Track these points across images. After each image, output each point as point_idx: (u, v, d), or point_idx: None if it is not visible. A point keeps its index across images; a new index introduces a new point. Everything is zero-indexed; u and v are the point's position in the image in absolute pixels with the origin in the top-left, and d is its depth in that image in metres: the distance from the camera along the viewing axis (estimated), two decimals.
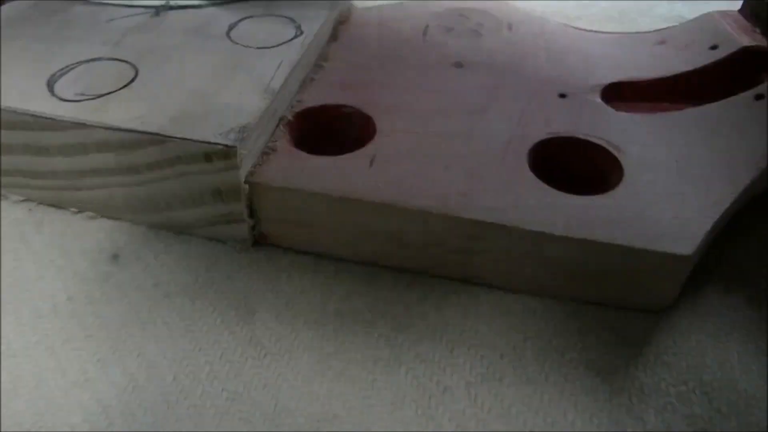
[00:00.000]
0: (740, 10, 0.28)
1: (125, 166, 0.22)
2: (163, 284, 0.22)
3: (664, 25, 0.34)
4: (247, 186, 0.21)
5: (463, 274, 0.21)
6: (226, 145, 0.20)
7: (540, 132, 0.23)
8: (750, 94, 0.24)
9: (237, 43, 0.25)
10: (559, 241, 0.19)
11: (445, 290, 0.21)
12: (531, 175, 0.21)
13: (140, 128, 0.21)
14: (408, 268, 0.22)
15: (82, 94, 0.22)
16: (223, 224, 0.22)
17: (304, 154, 0.22)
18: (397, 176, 0.21)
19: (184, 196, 0.22)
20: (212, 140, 0.20)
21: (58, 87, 0.23)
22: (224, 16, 0.27)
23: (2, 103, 0.22)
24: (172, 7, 0.27)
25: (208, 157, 0.20)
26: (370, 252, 0.22)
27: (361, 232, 0.21)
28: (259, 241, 0.23)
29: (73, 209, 0.24)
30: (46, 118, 0.21)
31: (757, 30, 0.26)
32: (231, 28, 0.26)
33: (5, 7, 0.27)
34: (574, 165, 0.23)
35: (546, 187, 0.21)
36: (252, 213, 0.22)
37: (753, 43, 0.26)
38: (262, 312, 0.21)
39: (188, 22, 0.26)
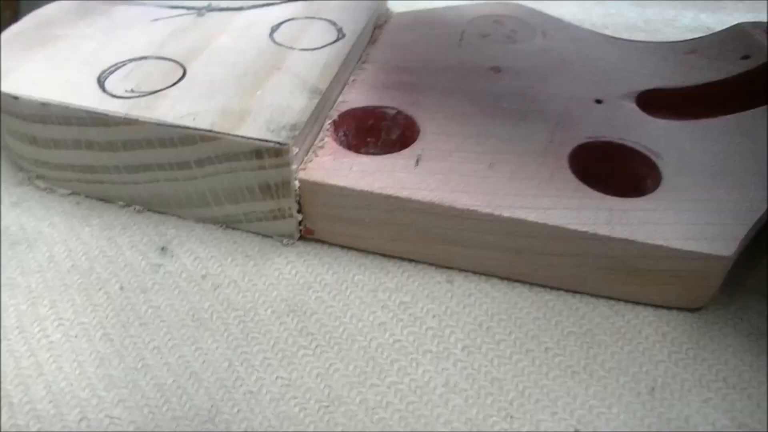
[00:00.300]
0: None
1: (175, 161, 0.23)
2: (212, 276, 0.22)
3: (690, 35, 0.35)
4: (297, 182, 0.22)
5: (507, 272, 0.22)
6: (279, 142, 0.21)
7: (578, 136, 0.24)
8: None
9: (281, 45, 0.26)
10: (602, 240, 0.20)
11: (490, 287, 0.22)
12: (572, 177, 0.22)
13: (192, 125, 0.22)
14: (454, 266, 0.23)
15: (133, 91, 0.23)
16: (270, 219, 0.23)
17: (351, 153, 0.23)
18: (442, 176, 0.22)
19: (233, 192, 0.23)
20: (264, 137, 0.21)
21: (109, 84, 0.24)
22: (266, 17, 0.28)
23: (55, 99, 0.23)
24: (214, 9, 0.28)
25: (259, 154, 0.21)
26: (416, 249, 0.23)
27: (408, 230, 0.22)
28: (305, 236, 0.24)
29: (120, 203, 0.25)
30: (100, 113, 0.22)
31: None
32: (273, 30, 0.27)
33: (48, 6, 0.28)
34: (612, 168, 0.24)
35: (587, 188, 0.22)
36: (300, 209, 0.23)
37: None
38: (311, 304, 0.22)
39: (231, 23, 0.27)
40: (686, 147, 0.24)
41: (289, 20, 0.28)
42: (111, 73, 0.24)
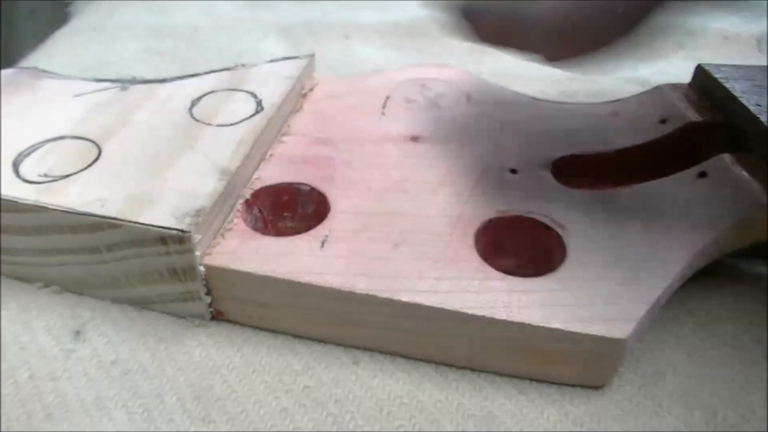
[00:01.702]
0: (690, 83, 0.30)
1: (86, 246, 0.23)
2: (122, 361, 0.23)
3: (626, 88, 0.36)
4: (202, 267, 0.22)
5: (412, 352, 0.23)
6: (181, 230, 0.22)
7: (488, 210, 0.24)
8: (693, 171, 0.25)
9: (198, 121, 0.27)
10: (499, 324, 0.21)
11: (396, 367, 0.23)
12: (476, 257, 0.23)
13: (99, 212, 0.22)
14: (361, 346, 0.23)
15: (46, 175, 0.24)
16: (181, 301, 0.24)
17: (258, 235, 0.24)
18: (346, 258, 0.23)
19: (143, 275, 0.23)
20: (167, 225, 0.22)
21: (24, 167, 0.24)
22: (188, 90, 0.28)
23: None
24: (138, 82, 0.29)
25: (163, 240, 0.22)
26: (323, 330, 0.23)
27: (314, 313, 0.23)
28: (217, 317, 0.24)
29: (38, 284, 0.25)
30: (10, 200, 0.23)
31: (705, 105, 0.28)
32: (193, 103, 0.28)
33: None
34: (523, 243, 0.24)
35: (489, 269, 0.22)
36: (209, 291, 0.23)
37: (699, 118, 0.27)
38: (216, 389, 0.22)
39: (153, 98, 0.28)
40: (595, 219, 0.24)
41: (210, 93, 0.28)
42: (26, 155, 0.25)
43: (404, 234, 0.24)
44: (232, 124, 0.26)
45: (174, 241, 0.22)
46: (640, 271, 0.22)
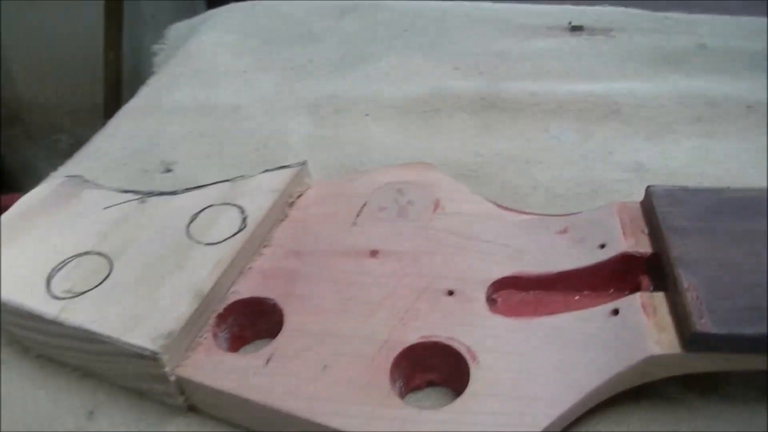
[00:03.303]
0: (642, 202, 0.32)
1: (93, 351, 0.31)
2: None
3: (619, 174, 0.38)
4: (173, 377, 0.29)
5: None
6: (153, 351, 0.29)
7: (413, 335, 0.29)
8: (609, 307, 0.29)
9: (191, 239, 0.33)
10: None
11: None
12: (386, 384, 0.28)
13: (97, 330, 0.30)
14: None
15: (68, 291, 0.32)
16: (166, 396, 0.31)
17: (220, 352, 0.30)
18: (282, 377, 0.28)
19: (135, 375, 0.31)
20: (143, 345, 0.29)
21: (54, 283, 0.32)
22: (192, 203, 0.35)
23: (14, 300, 0.32)
24: (154, 194, 0.36)
25: (141, 356, 0.29)
26: (272, 428, 0.29)
27: (259, 417, 0.29)
28: (192, 409, 0.31)
29: (67, 368, 0.33)
30: (37, 315, 0.31)
31: (645, 231, 0.31)
32: (192, 219, 0.34)
33: (26, 196, 0.37)
34: (443, 365, 0.29)
35: (394, 398, 0.27)
36: (182, 392, 0.30)
37: (632, 249, 0.30)
38: None
39: (163, 212, 0.35)
40: (508, 349, 0.28)
41: (209, 207, 0.35)
42: (57, 271, 0.33)
43: (335, 356, 0.29)
44: (216, 243, 0.33)
45: (148, 358, 0.29)
46: (525, 409, 0.27)
